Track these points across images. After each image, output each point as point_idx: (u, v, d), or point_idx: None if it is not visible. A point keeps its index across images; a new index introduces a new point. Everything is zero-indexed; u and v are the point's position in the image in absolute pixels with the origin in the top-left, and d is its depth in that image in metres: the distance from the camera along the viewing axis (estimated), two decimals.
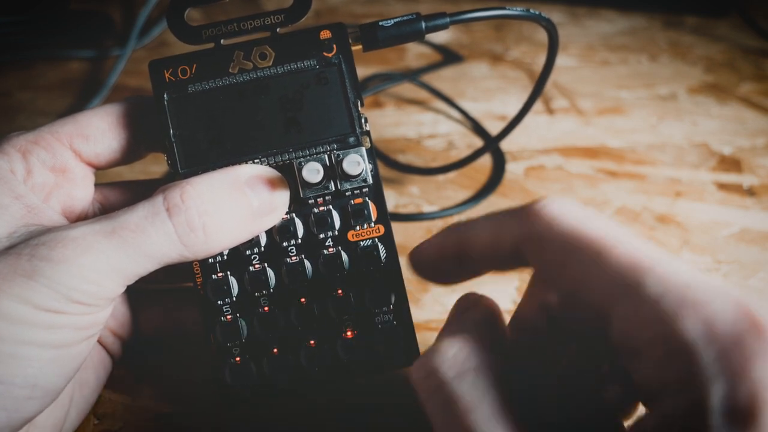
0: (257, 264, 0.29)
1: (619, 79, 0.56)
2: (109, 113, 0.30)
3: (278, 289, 0.30)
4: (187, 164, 0.29)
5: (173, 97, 0.30)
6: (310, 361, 0.29)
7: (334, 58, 0.30)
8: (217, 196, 0.27)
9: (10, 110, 0.52)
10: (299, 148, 0.29)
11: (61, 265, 0.24)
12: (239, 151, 0.29)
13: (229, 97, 0.30)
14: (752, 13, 0.61)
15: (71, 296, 0.24)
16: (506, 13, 0.32)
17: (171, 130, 0.29)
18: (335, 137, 0.30)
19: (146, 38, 0.59)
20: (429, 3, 0.66)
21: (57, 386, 0.25)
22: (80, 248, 0.25)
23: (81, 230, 0.25)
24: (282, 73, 0.30)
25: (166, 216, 0.26)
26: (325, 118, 0.30)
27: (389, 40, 0.31)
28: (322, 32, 0.30)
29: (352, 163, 0.29)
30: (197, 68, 0.30)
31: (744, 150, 0.48)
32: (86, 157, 0.30)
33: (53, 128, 0.29)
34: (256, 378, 0.29)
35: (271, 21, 0.30)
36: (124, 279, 0.26)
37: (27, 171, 0.28)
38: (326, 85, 0.30)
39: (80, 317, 0.25)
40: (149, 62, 0.30)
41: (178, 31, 0.30)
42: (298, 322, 0.29)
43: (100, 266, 0.25)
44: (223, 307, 0.29)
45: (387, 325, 0.30)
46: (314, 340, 0.29)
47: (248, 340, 0.29)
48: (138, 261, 0.26)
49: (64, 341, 0.25)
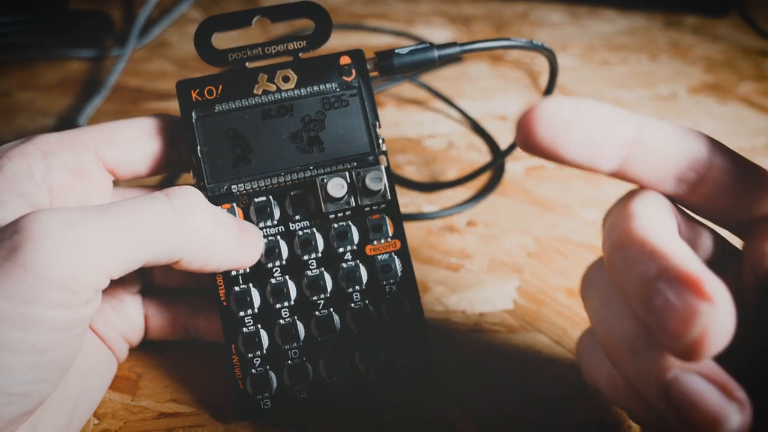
0: (279, 276, 0.30)
1: (619, 79, 0.56)
2: (137, 124, 0.31)
3: (299, 300, 0.31)
4: (214, 179, 0.31)
5: (201, 115, 0.31)
6: (329, 371, 0.30)
7: (354, 81, 0.32)
8: (211, 205, 0.28)
9: (10, 110, 0.52)
10: (321, 165, 0.31)
11: (40, 242, 0.22)
12: (264, 167, 0.31)
13: (255, 116, 0.31)
14: (752, 13, 0.61)
15: (49, 277, 0.22)
16: (512, 43, 0.34)
17: (198, 147, 0.31)
18: (355, 156, 0.31)
19: (146, 38, 0.59)
20: (429, 3, 0.66)
21: (39, 393, 0.23)
22: (66, 222, 0.23)
23: (71, 209, 0.24)
24: (305, 95, 0.31)
25: (164, 198, 0.26)
26: (346, 138, 0.31)
27: (404, 67, 0.32)
28: (341, 58, 0.32)
29: (375, 180, 0.30)
30: (223, 89, 0.31)
31: (744, 150, 0.48)
32: (109, 164, 0.30)
33: (79, 132, 0.29)
34: (276, 388, 0.30)
35: (294, 46, 0.32)
36: (110, 261, 0.23)
37: (47, 170, 0.28)
38: (347, 107, 0.31)
39: (59, 312, 0.23)
40: (177, 82, 0.31)
41: (206, 54, 0.32)
42: (318, 333, 0.30)
43: (85, 242, 0.23)
44: (245, 318, 0.30)
45: (403, 335, 0.31)
46: (333, 351, 0.30)
47: (269, 350, 0.30)
48: (128, 238, 0.24)
49: (43, 345, 0.23)
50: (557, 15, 0.65)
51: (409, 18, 0.64)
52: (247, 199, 0.31)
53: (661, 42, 0.61)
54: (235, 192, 0.31)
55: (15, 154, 0.27)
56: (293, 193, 0.31)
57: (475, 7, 0.66)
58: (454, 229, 0.41)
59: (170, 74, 0.56)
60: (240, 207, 0.31)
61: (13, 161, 0.27)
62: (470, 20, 0.64)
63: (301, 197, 0.31)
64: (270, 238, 0.31)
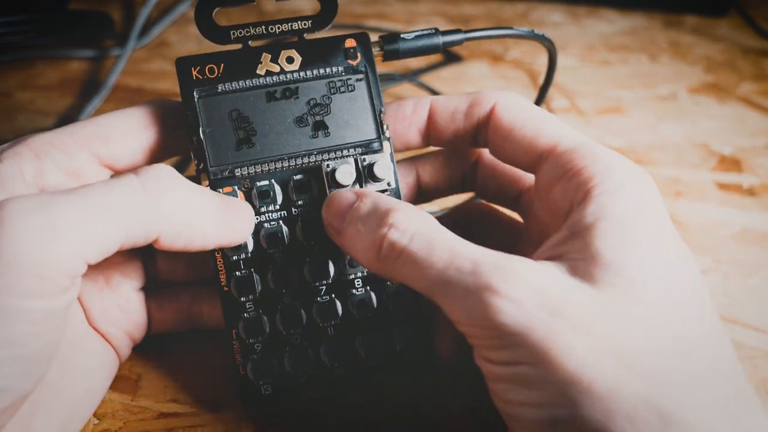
0: (280, 261, 0.30)
1: (619, 79, 0.56)
2: (130, 115, 0.30)
3: (301, 286, 0.30)
4: (217, 162, 0.30)
5: (203, 95, 0.30)
6: (330, 357, 0.30)
7: (359, 66, 0.31)
8: (188, 181, 0.27)
9: (10, 110, 0.52)
10: (326, 151, 0.30)
11: (9, 227, 0.21)
12: (268, 151, 0.30)
13: (259, 98, 0.30)
14: (752, 13, 0.61)
15: (20, 264, 0.21)
16: (514, 32, 0.34)
17: (201, 128, 0.30)
18: (361, 142, 0.31)
19: (146, 38, 0.59)
20: (429, 3, 0.66)
21: (17, 388, 0.23)
22: (36, 206, 0.22)
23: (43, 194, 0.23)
24: (310, 78, 0.31)
25: (134, 177, 0.25)
26: (352, 123, 0.31)
27: (409, 52, 0.32)
28: (347, 41, 0.31)
29: (383, 167, 0.30)
30: (225, 68, 0.30)
31: (744, 150, 0.48)
32: (105, 160, 0.29)
33: (72, 130, 0.29)
34: (278, 374, 0.30)
35: (299, 26, 0.31)
36: (84, 245, 0.23)
37: (39, 172, 0.27)
38: (353, 92, 0.31)
39: (34, 301, 0.22)
40: (176, 59, 0.30)
41: (207, 31, 0.31)
42: (320, 319, 0.30)
43: (55, 226, 0.22)
44: (246, 304, 0.30)
45: (404, 321, 0.31)
46: (335, 337, 0.30)
47: (270, 336, 0.30)
48: (100, 220, 0.23)
49: (17, 337, 0.22)
50: (557, 15, 0.65)
51: (409, 18, 0.64)
52: (249, 182, 0.30)
53: (661, 42, 0.61)
54: (237, 175, 0.30)
55: (8, 155, 0.27)
56: (297, 178, 0.30)
57: (474, 7, 0.66)
58: None
59: (170, 74, 0.56)
60: (242, 191, 0.30)
61: (5, 163, 0.27)
62: (470, 20, 0.64)
63: (305, 182, 0.30)
64: (272, 223, 0.30)
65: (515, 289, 0.23)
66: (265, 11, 0.63)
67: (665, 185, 0.45)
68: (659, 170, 0.46)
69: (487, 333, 0.24)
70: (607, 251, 0.24)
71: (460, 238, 0.26)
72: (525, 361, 0.23)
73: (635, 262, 0.24)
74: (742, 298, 0.37)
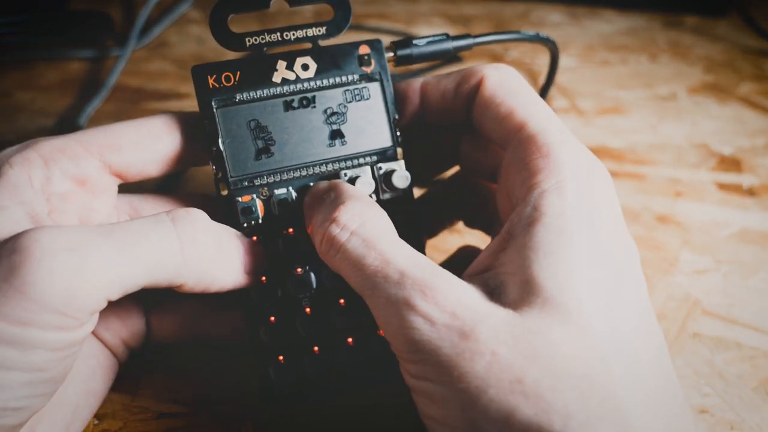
0: (300, 268, 0.30)
1: (619, 79, 0.56)
2: (143, 125, 0.30)
3: (319, 291, 0.31)
4: (236, 172, 0.30)
5: (222, 104, 0.30)
6: (349, 359, 0.30)
7: (374, 73, 0.31)
8: (217, 226, 0.28)
9: (10, 110, 0.52)
10: (343, 159, 0.31)
11: (39, 265, 0.22)
12: (287, 160, 0.30)
13: (277, 108, 0.31)
14: (752, 13, 0.61)
15: (47, 303, 0.22)
16: (521, 36, 0.35)
17: (220, 138, 0.30)
18: (377, 150, 0.31)
19: (146, 38, 0.59)
20: (429, 3, 0.66)
21: (33, 406, 0.24)
22: (66, 244, 0.22)
23: (73, 228, 0.23)
24: (326, 86, 0.31)
25: (169, 223, 0.25)
26: (368, 131, 0.31)
27: (421, 57, 0.32)
28: (361, 47, 0.31)
29: (401, 178, 0.31)
30: (241, 76, 0.30)
31: (744, 150, 0.48)
32: (116, 169, 0.29)
33: (83, 137, 0.28)
34: (299, 376, 0.30)
35: (314, 33, 0.31)
36: (109, 286, 0.23)
37: (46, 179, 0.27)
38: (368, 100, 0.31)
39: (56, 334, 0.23)
40: (192, 67, 0.30)
41: (222, 37, 0.30)
42: (338, 323, 0.30)
43: (86, 268, 0.23)
44: (267, 309, 0.30)
45: None
46: (352, 339, 0.30)
47: (291, 339, 0.30)
48: (130, 264, 0.24)
49: (39, 364, 0.23)
50: (557, 15, 0.65)
51: (409, 18, 0.64)
52: (268, 190, 0.30)
53: (661, 42, 0.61)
54: (257, 184, 0.30)
55: (17, 160, 0.27)
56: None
57: (475, 7, 0.66)
58: (455, 230, 0.41)
59: (170, 74, 0.56)
60: (261, 199, 0.30)
61: (15, 168, 0.27)
62: (470, 20, 0.64)
63: None
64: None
65: (430, 308, 0.23)
66: (264, 15, 0.63)
67: (665, 185, 0.45)
68: (659, 170, 0.46)
69: (403, 346, 0.24)
70: (532, 269, 0.24)
71: (401, 243, 0.26)
72: (432, 378, 0.23)
73: (558, 282, 0.24)
74: (742, 298, 0.37)
